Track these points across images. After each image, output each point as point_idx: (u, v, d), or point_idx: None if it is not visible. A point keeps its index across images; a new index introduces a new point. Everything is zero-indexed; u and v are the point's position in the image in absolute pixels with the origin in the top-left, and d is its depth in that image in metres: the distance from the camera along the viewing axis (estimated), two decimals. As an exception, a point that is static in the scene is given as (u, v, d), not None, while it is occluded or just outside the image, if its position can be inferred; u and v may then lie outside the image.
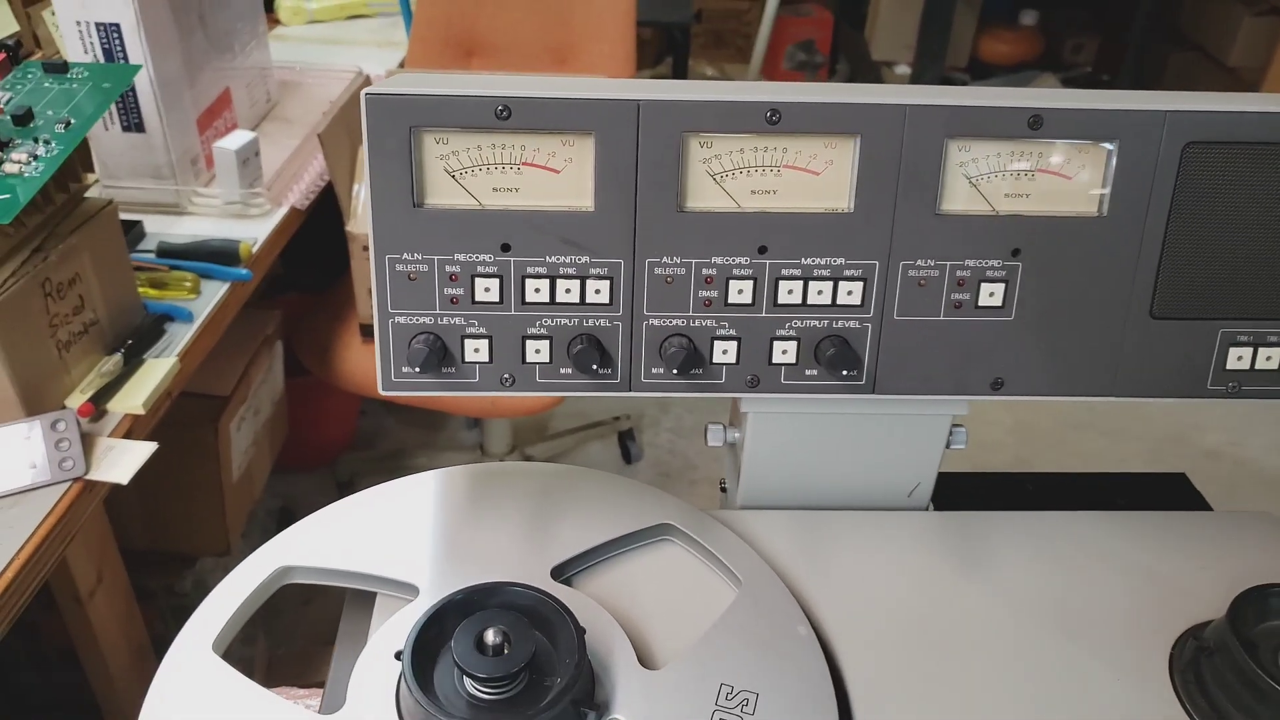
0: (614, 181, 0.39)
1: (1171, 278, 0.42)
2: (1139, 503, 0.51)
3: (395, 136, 0.38)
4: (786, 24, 2.48)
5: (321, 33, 1.49)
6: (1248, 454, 1.63)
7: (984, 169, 0.41)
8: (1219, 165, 0.41)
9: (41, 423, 0.68)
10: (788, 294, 0.41)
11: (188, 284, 0.88)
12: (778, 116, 0.39)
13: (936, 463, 0.48)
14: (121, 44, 0.90)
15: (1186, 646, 0.41)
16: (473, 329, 0.41)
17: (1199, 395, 0.44)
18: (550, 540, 0.44)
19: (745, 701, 0.37)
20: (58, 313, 0.72)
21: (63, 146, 0.69)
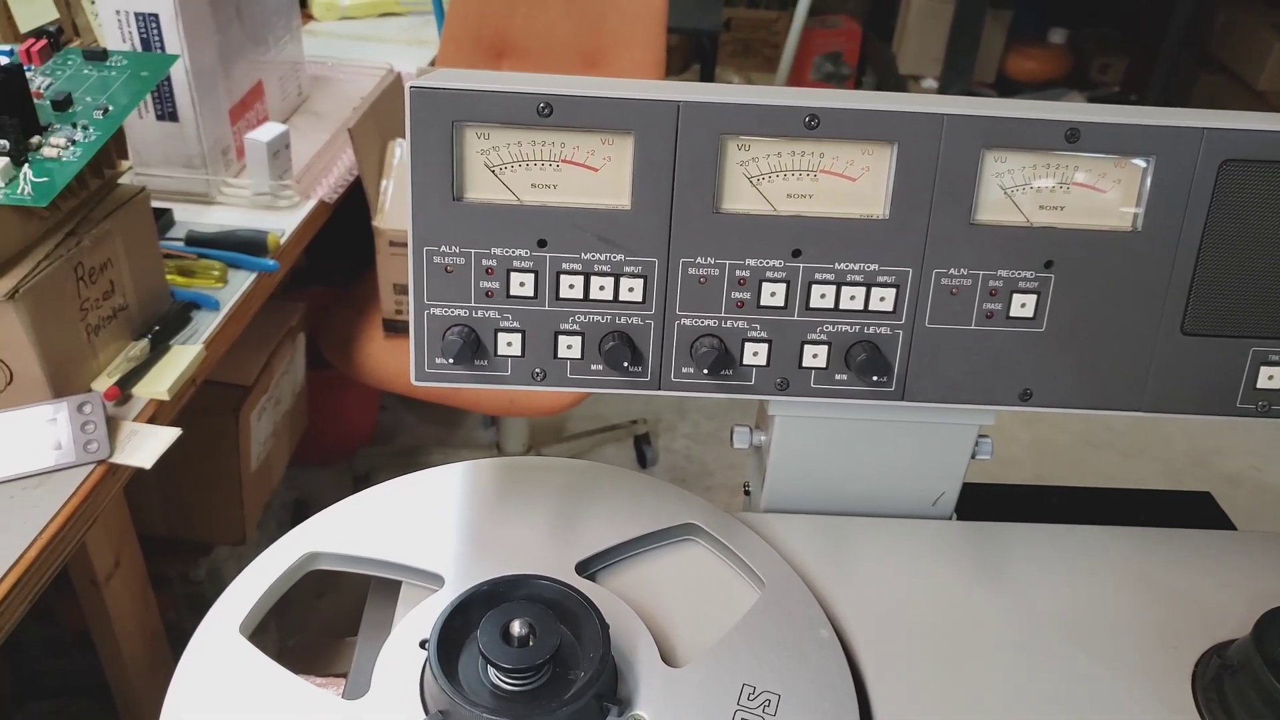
0: (651, 181, 0.40)
1: (1204, 294, 0.42)
2: (1163, 520, 0.51)
3: (438, 130, 0.39)
4: (814, 35, 2.49)
5: (353, 29, 1.51)
6: (1269, 479, 1.61)
7: (1019, 180, 0.41)
8: (1255, 183, 0.41)
9: (68, 404, 0.69)
10: (820, 298, 0.41)
11: (215, 273, 0.89)
12: (816, 121, 0.39)
13: (962, 472, 0.48)
14: (159, 34, 0.91)
15: (1210, 664, 0.41)
16: (506, 323, 0.41)
17: (1228, 413, 0.44)
18: (576, 536, 0.44)
19: (767, 702, 0.37)
20: (88, 297, 0.73)
21: (100, 133, 0.70)
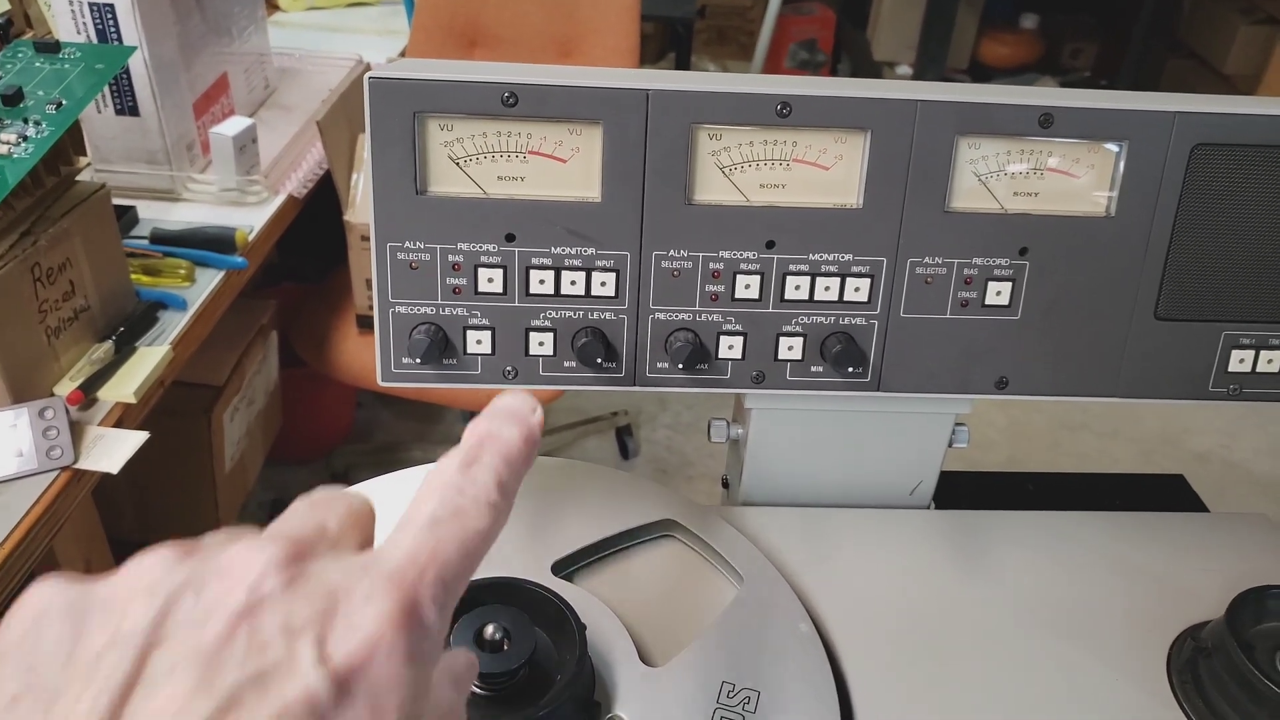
0: (621, 172, 0.39)
1: (1177, 279, 0.42)
2: (1137, 503, 0.51)
3: (399, 122, 0.38)
4: (789, 22, 2.48)
5: (321, 19, 1.48)
6: (1237, 457, 1.64)
7: (993, 167, 0.40)
8: (1227, 167, 0.41)
9: (29, 410, 0.67)
10: (795, 290, 0.41)
11: (182, 271, 0.88)
12: (788, 110, 0.38)
13: (939, 461, 0.48)
14: (116, 24, 0.89)
15: (1184, 647, 0.41)
16: (475, 320, 0.40)
17: (1201, 397, 0.44)
18: (551, 535, 0.43)
19: (747, 699, 0.37)
20: (47, 298, 0.71)
21: (54, 128, 0.68)
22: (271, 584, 0.20)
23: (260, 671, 0.19)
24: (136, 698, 0.18)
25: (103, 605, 0.20)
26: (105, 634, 0.19)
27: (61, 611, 0.20)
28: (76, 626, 0.20)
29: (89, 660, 0.19)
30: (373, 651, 0.19)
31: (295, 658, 0.19)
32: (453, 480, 0.23)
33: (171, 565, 0.20)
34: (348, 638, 0.19)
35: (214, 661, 0.19)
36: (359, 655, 0.19)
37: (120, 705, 0.18)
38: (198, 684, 0.18)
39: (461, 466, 0.24)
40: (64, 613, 0.20)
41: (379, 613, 0.20)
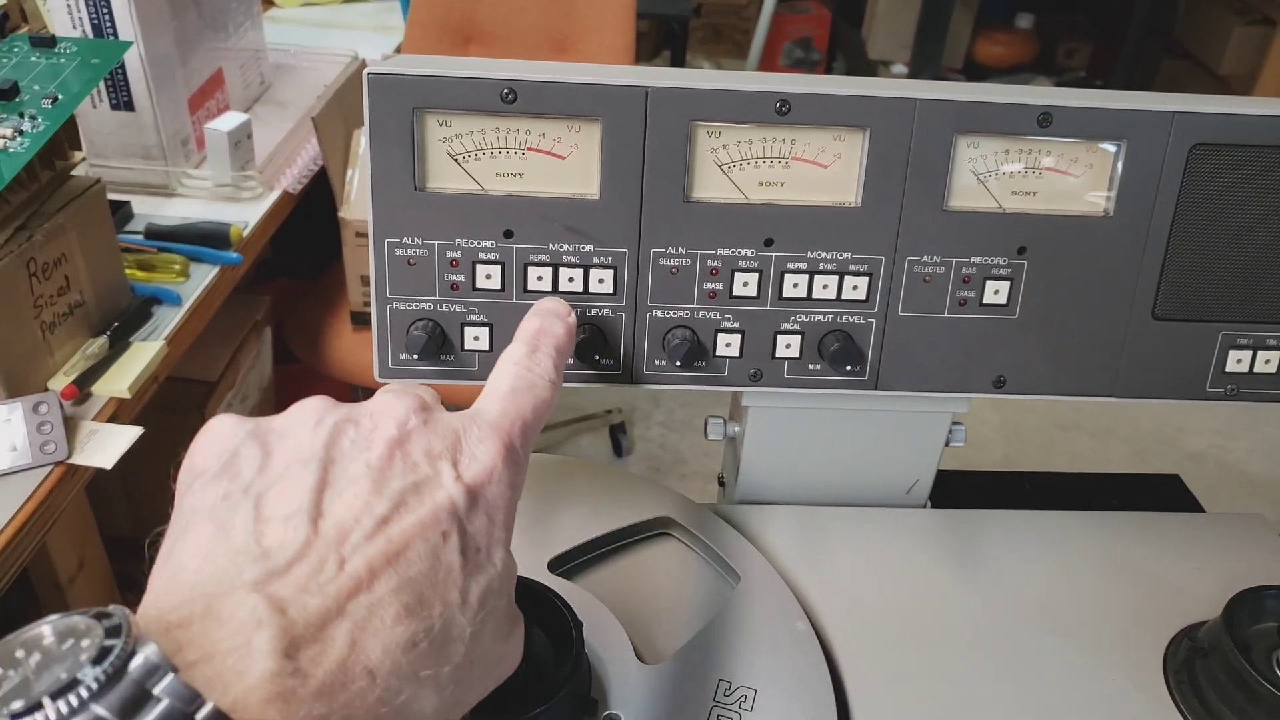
0: (620, 169, 0.39)
1: (1174, 279, 0.42)
2: (1133, 503, 0.51)
3: (397, 117, 0.38)
4: (784, 20, 2.48)
5: (317, 15, 1.48)
6: (1231, 457, 1.64)
7: (992, 166, 0.40)
8: (1225, 168, 0.41)
9: (23, 405, 0.67)
10: (793, 288, 0.41)
11: (176, 266, 0.87)
12: (787, 107, 0.38)
13: (936, 460, 0.48)
14: (111, 19, 0.89)
15: (1180, 647, 0.41)
16: (473, 316, 0.40)
17: (1198, 397, 0.44)
18: (548, 532, 0.43)
19: (743, 697, 0.37)
20: (42, 293, 0.71)
21: (49, 123, 0.68)
22: (414, 422, 0.26)
23: (416, 482, 0.25)
24: (328, 496, 0.24)
25: (280, 432, 0.26)
26: (287, 453, 0.25)
27: (248, 435, 0.26)
28: (263, 446, 0.26)
29: (280, 471, 0.25)
30: (490, 475, 0.26)
31: (439, 474, 0.25)
32: (523, 361, 0.31)
33: (330, 406, 0.27)
34: (472, 465, 0.26)
35: (381, 474, 0.25)
36: (482, 476, 0.26)
37: (318, 500, 0.24)
38: (372, 489, 0.24)
39: (528, 353, 0.32)
40: (250, 436, 0.26)
41: (491, 449, 0.27)
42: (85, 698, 0.19)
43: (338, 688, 0.21)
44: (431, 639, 0.23)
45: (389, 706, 0.22)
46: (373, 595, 0.23)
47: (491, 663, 0.26)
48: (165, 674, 0.20)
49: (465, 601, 0.24)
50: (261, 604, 0.22)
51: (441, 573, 0.24)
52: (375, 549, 0.23)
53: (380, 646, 0.22)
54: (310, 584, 0.22)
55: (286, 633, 0.21)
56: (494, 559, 0.26)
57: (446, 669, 0.24)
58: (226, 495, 0.25)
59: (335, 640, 0.22)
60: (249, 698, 0.20)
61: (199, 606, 0.22)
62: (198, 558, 0.23)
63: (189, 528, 0.24)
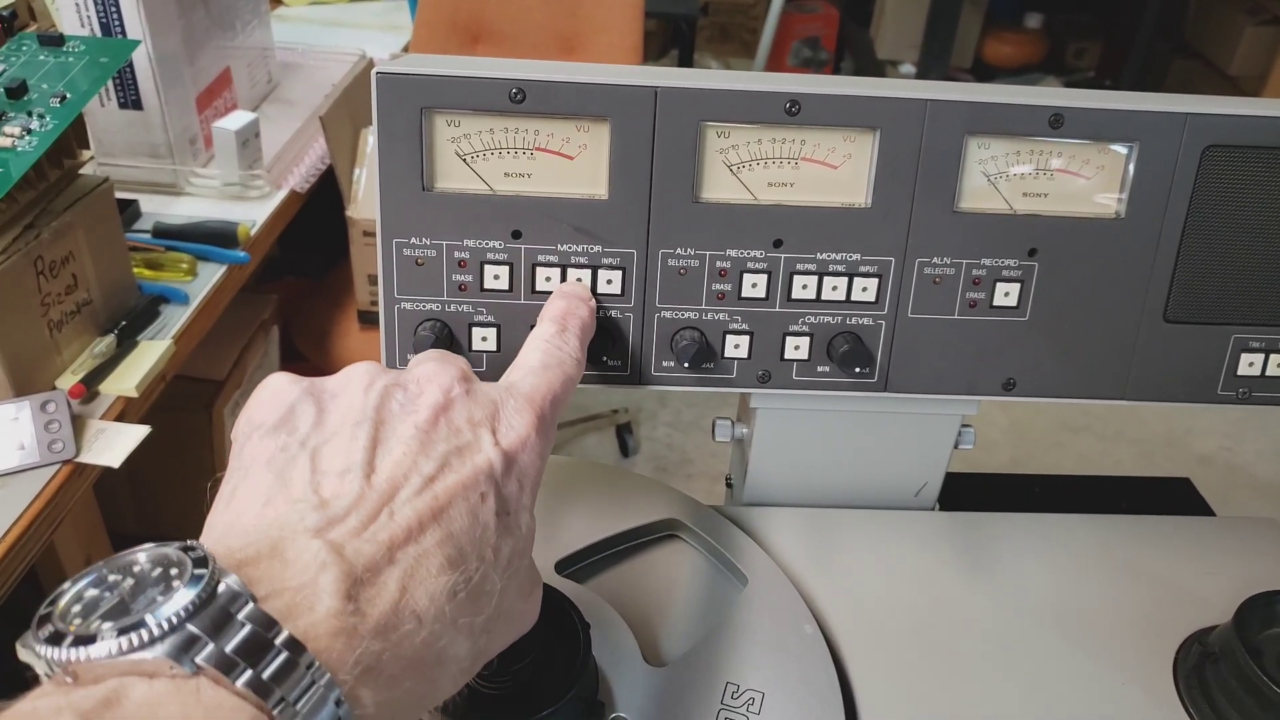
0: (629, 170, 0.38)
1: (1186, 281, 0.42)
2: (1143, 507, 0.51)
3: (406, 117, 0.37)
4: (792, 20, 2.48)
5: (324, 14, 1.48)
6: (1240, 460, 1.64)
7: (1003, 167, 0.40)
8: (1238, 169, 0.40)
9: (31, 403, 0.67)
10: (802, 289, 0.40)
11: (184, 265, 0.87)
12: (797, 108, 0.38)
13: (945, 463, 0.48)
14: (120, 18, 0.89)
15: (1191, 651, 0.41)
16: (481, 317, 0.40)
17: (1209, 400, 0.44)
18: (555, 534, 0.43)
19: (751, 700, 0.37)
20: (50, 292, 0.71)
21: (57, 121, 0.68)
22: (457, 390, 0.29)
23: (458, 446, 0.27)
24: (379, 454, 0.26)
25: (333, 392, 0.29)
26: (341, 412, 0.28)
27: (304, 393, 0.28)
28: (319, 405, 0.28)
29: (335, 428, 0.27)
30: (525, 444, 0.29)
31: (479, 440, 0.28)
32: (552, 340, 0.34)
33: (380, 371, 0.29)
34: (509, 433, 0.28)
35: (427, 436, 0.27)
36: (517, 444, 0.28)
37: (371, 458, 0.26)
38: (420, 449, 0.27)
39: (557, 332, 0.35)
40: (306, 394, 0.28)
41: (526, 420, 0.29)
42: (182, 617, 0.21)
43: (390, 628, 0.23)
44: (469, 590, 0.25)
45: (431, 649, 0.24)
46: (420, 546, 0.25)
47: (514, 618, 0.28)
48: (246, 602, 0.22)
49: (497, 558, 0.27)
50: (324, 548, 0.23)
51: (479, 530, 0.26)
52: (423, 503, 0.25)
53: (426, 593, 0.24)
54: (365, 532, 0.24)
55: (348, 575, 0.23)
56: (520, 522, 0.28)
57: (480, 619, 0.26)
58: (284, 447, 0.27)
59: (388, 585, 0.24)
60: (317, 629, 0.22)
61: (265, 547, 0.23)
62: (258, 504, 0.25)
63: (248, 475, 0.26)
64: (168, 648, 0.21)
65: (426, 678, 0.25)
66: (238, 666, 0.21)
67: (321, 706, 0.21)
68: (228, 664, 0.21)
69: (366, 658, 0.23)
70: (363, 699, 0.23)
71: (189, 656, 0.21)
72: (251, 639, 0.21)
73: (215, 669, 0.21)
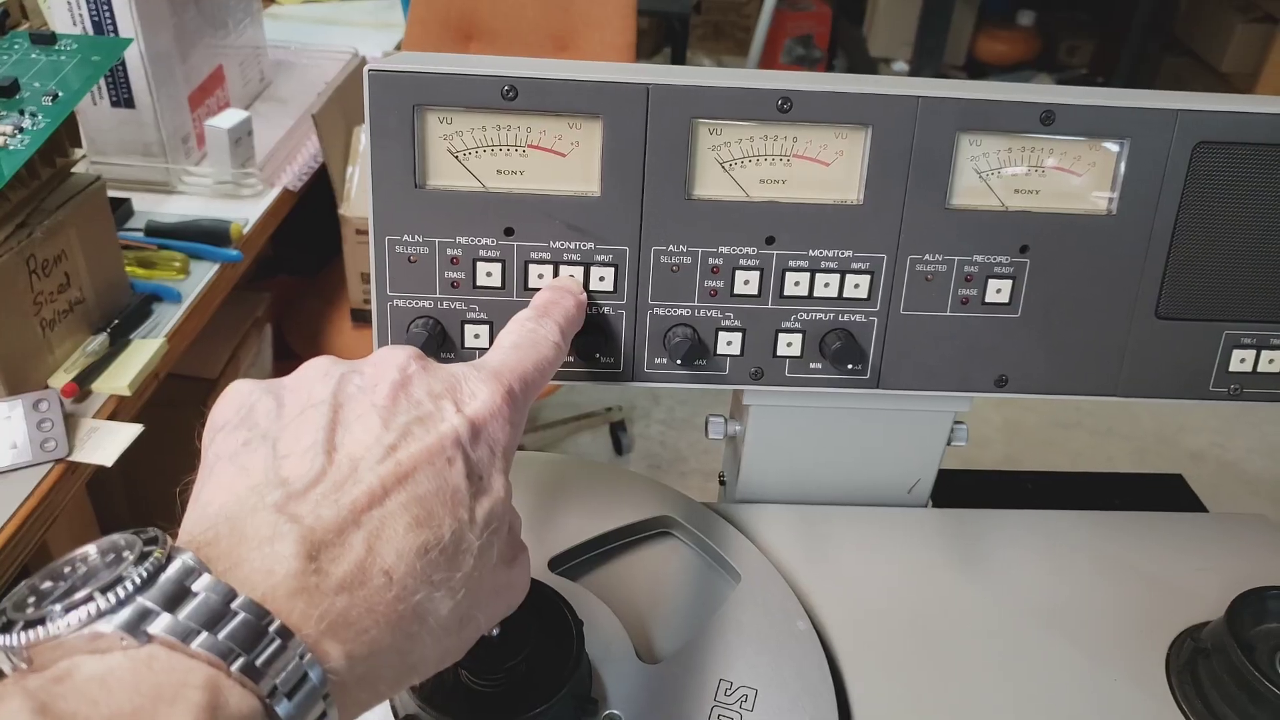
0: (621, 167, 0.38)
1: (1178, 278, 0.42)
2: (1136, 503, 0.51)
3: (398, 115, 0.37)
4: (785, 18, 2.48)
5: (317, 12, 1.47)
6: (1231, 456, 1.64)
7: (995, 164, 0.40)
8: (1229, 166, 0.40)
9: (23, 402, 0.67)
10: (794, 286, 0.40)
11: (176, 264, 0.87)
12: (789, 105, 0.38)
13: (938, 459, 0.48)
14: (112, 16, 0.88)
15: (1184, 647, 0.41)
16: (473, 314, 0.40)
17: (1201, 396, 0.44)
18: (548, 531, 0.43)
19: (744, 697, 0.37)
20: (42, 290, 0.71)
21: (49, 120, 0.68)
22: (414, 367, 0.29)
23: (420, 417, 0.27)
24: (339, 433, 0.27)
25: (291, 387, 0.29)
26: (299, 402, 0.28)
27: (263, 391, 0.29)
28: (277, 399, 0.28)
29: (294, 417, 0.27)
30: (490, 411, 0.28)
31: (441, 410, 0.28)
32: (528, 324, 0.34)
33: (335, 362, 0.29)
34: (473, 401, 0.28)
35: (387, 412, 0.27)
36: (483, 412, 0.28)
37: (330, 438, 0.26)
38: (380, 425, 0.27)
39: (535, 316, 0.34)
40: (265, 391, 0.29)
41: (489, 390, 0.29)
42: (130, 590, 0.21)
43: (356, 584, 0.24)
44: (442, 548, 0.26)
45: (406, 604, 0.25)
46: (384, 509, 0.25)
47: (500, 586, 0.28)
48: (201, 574, 0.22)
49: (473, 520, 0.27)
50: (282, 520, 0.24)
51: (449, 492, 0.26)
52: (385, 469, 0.26)
53: (394, 551, 0.25)
54: (325, 499, 0.25)
55: (306, 539, 0.24)
56: (494, 485, 0.28)
57: (458, 575, 0.26)
58: (246, 442, 0.27)
59: (353, 545, 0.24)
60: (276, 592, 0.22)
61: (225, 528, 0.24)
62: (221, 494, 0.26)
63: (213, 471, 0.27)
64: (120, 621, 0.21)
65: (405, 632, 0.25)
66: (192, 633, 0.21)
67: (282, 661, 0.22)
68: (183, 631, 0.21)
69: (331, 613, 0.23)
70: (330, 653, 0.23)
71: (141, 628, 0.21)
72: (207, 606, 0.21)
73: (169, 636, 0.21)
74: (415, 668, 0.26)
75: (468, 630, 0.27)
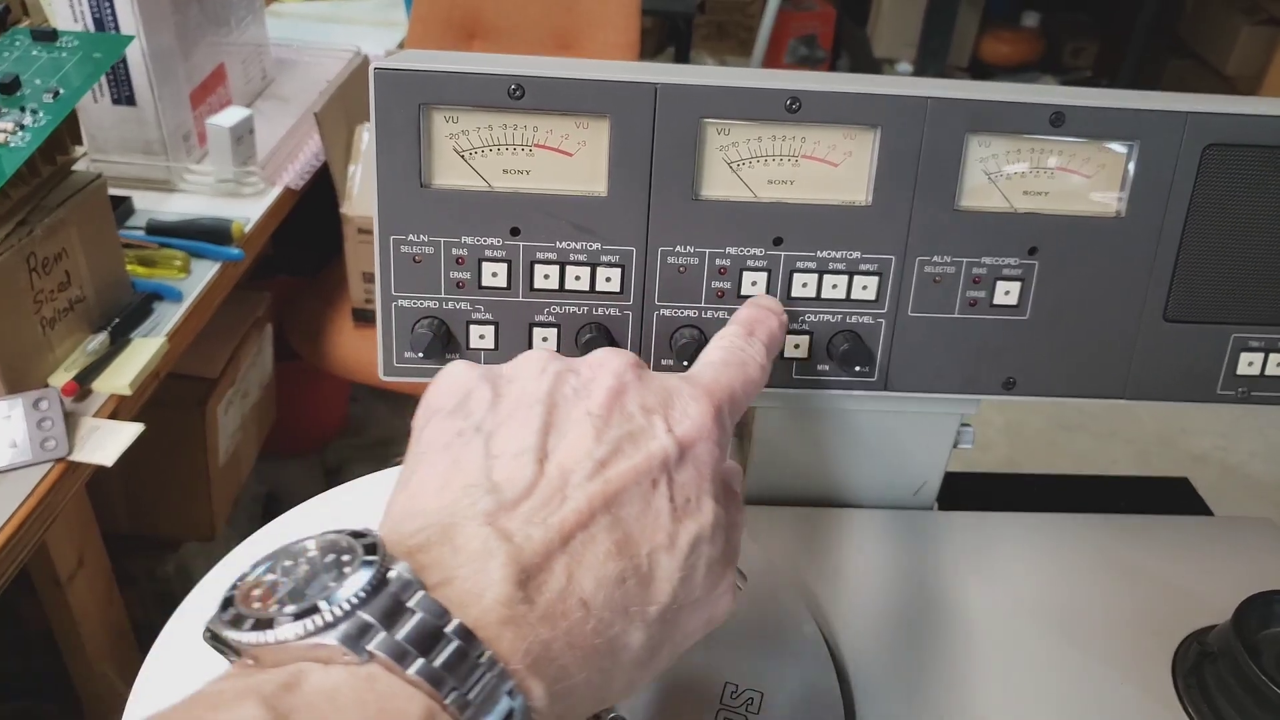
0: (628, 167, 0.38)
1: (1186, 280, 0.42)
2: (1142, 506, 0.51)
3: (404, 113, 0.37)
4: (789, 18, 2.47)
5: (319, 10, 1.47)
6: (1234, 459, 1.64)
7: (1003, 165, 0.40)
8: (1239, 168, 0.40)
9: (23, 401, 0.67)
10: (802, 287, 0.40)
11: (177, 263, 0.87)
12: (798, 105, 0.38)
13: (944, 462, 0.47)
14: (113, 13, 0.88)
15: (1190, 651, 0.41)
16: (479, 314, 0.40)
17: (1209, 400, 0.44)
18: (552, 533, 0.43)
19: (750, 700, 0.36)
20: (42, 289, 0.70)
21: (50, 117, 0.67)
22: (629, 376, 0.28)
23: (631, 432, 0.27)
24: (552, 438, 0.26)
25: (508, 377, 0.29)
26: (514, 395, 0.28)
27: (479, 378, 0.29)
28: (494, 388, 0.28)
29: (509, 412, 0.27)
30: (700, 433, 0.27)
31: (652, 427, 0.27)
32: (736, 342, 0.33)
33: (552, 357, 0.29)
34: (684, 421, 0.28)
35: (601, 421, 0.27)
36: (692, 433, 0.27)
37: (543, 442, 0.26)
38: (593, 435, 0.26)
39: (743, 334, 0.33)
40: (481, 379, 0.29)
41: (701, 409, 0.28)
42: (354, 604, 0.21)
43: (558, 615, 0.23)
44: (639, 577, 0.25)
45: (603, 638, 0.24)
46: (588, 532, 0.25)
47: (702, 607, 0.27)
48: (417, 590, 0.22)
49: (673, 545, 0.26)
50: (493, 535, 0.24)
51: (650, 517, 0.26)
52: (594, 488, 0.25)
53: (593, 579, 0.24)
54: (535, 517, 0.24)
55: (515, 561, 0.23)
56: (702, 509, 0.27)
57: (653, 608, 0.25)
58: (460, 432, 0.27)
59: (556, 572, 0.24)
60: (486, 618, 0.22)
61: (435, 533, 0.24)
62: (433, 487, 0.26)
63: (424, 459, 0.27)
64: (341, 634, 0.21)
65: (599, 668, 0.24)
66: (409, 655, 0.21)
67: (494, 697, 0.21)
68: (399, 652, 0.21)
69: (536, 647, 0.23)
70: (533, 691, 0.22)
71: (361, 644, 0.21)
72: (422, 627, 0.21)
73: (387, 657, 0.21)
74: (604, 702, 0.25)
75: (656, 662, 0.26)
